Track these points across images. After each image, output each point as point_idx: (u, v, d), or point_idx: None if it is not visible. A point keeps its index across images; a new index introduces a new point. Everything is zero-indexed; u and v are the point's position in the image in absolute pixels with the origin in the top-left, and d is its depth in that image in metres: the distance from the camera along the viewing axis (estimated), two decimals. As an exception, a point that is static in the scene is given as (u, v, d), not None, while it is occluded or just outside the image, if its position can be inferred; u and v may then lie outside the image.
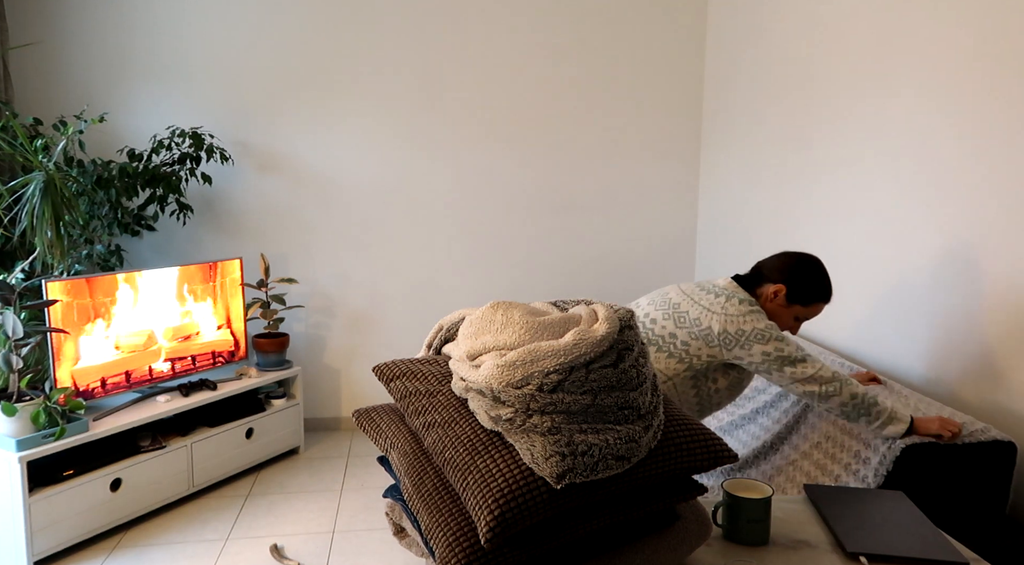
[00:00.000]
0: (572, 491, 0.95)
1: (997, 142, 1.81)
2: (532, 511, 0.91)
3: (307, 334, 3.77)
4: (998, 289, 1.82)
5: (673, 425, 1.09)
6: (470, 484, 0.94)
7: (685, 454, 1.05)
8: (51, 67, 3.45)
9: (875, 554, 1.18)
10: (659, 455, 1.03)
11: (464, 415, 1.05)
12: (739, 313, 1.77)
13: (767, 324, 1.76)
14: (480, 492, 0.92)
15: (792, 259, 1.84)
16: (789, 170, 2.87)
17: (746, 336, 1.74)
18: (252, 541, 2.67)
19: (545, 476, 0.92)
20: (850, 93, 2.44)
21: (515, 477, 0.92)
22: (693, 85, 3.79)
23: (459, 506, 0.99)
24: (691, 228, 3.92)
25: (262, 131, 3.60)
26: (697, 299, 1.83)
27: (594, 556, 1.04)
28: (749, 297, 1.81)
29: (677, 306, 1.85)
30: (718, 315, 1.78)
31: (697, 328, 1.79)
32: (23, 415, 2.43)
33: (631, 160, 3.82)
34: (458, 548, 0.93)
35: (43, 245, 2.77)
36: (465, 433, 1.01)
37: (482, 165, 3.75)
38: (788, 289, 1.81)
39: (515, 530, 0.90)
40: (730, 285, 1.84)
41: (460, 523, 0.96)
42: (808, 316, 1.85)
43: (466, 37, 3.64)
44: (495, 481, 0.92)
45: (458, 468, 0.97)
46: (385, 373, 1.19)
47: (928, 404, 1.83)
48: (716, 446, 1.08)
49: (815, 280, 1.82)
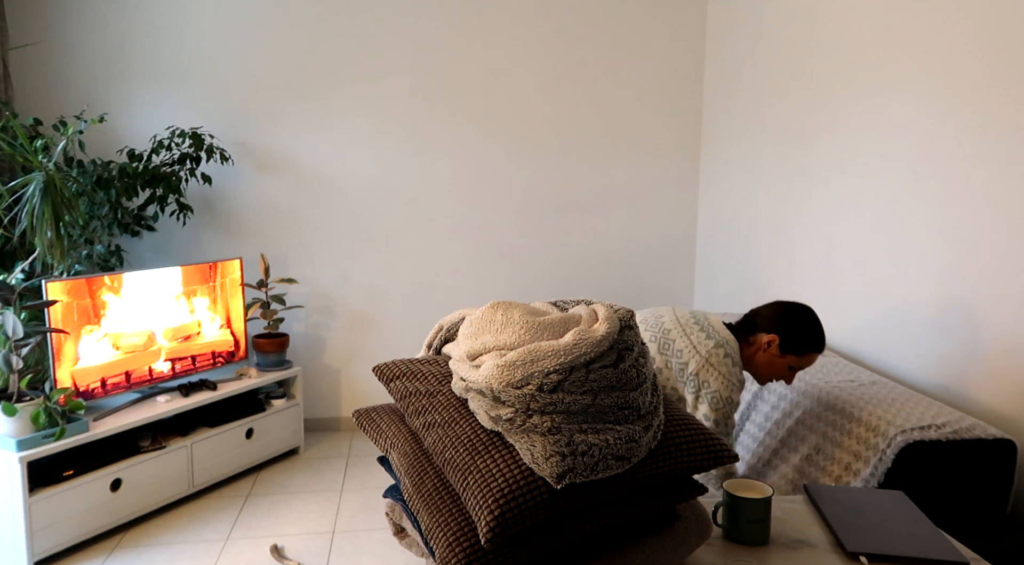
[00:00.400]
0: (572, 491, 0.95)
1: (1000, 140, 1.81)
2: (532, 511, 0.91)
3: (307, 334, 3.77)
4: (999, 288, 1.82)
5: (673, 425, 1.09)
6: (470, 484, 0.94)
7: (685, 454, 1.05)
8: (51, 67, 3.45)
9: (875, 554, 1.18)
10: (659, 455, 1.03)
11: (464, 415, 1.05)
12: (719, 366, 1.79)
13: (731, 393, 1.78)
14: (480, 492, 0.92)
15: (785, 309, 1.84)
16: (789, 169, 2.87)
17: (709, 390, 1.77)
18: (252, 541, 2.67)
19: (545, 476, 0.92)
20: (851, 91, 2.44)
21: (515, 477, 0.92)
22: (693, 84, 3.79)
23: (459, 506, 0.99)
24: (691, 227, 3.92)
25: (262, 131, 3.60)
26: (688, 333, 1.85)
27: (594, 556, 1.04)
28: (736, 355, 1.82)
29: (667, 333, 1.87)
30: (700, 357, 1.80)
31: (676, 360, 1.82)
32: (23, 415, 2.43)
33: (631, 160, 3.82)
34: (458, 548, 0.93)
35: (43, 245, 2.77)
36: (465, 433, 1.01)
37: (482, 165, 3.75)
38: (781, 340, 1.82)
39: (515, 530, 0.90)
40: (725, 334, 1.85)
41: (460, 523, 0.96)
42: (802, 366, 1.85)
43: (465, 37, 3.64)
44: (495, 481, 0.92)
45: (458, 468, 0.97)
46: (385, 373, 1.19)
47: (928, 404, 1.83)
48: (716, 446, 1.08)
49: (808, 331, 1.82)
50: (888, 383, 2.03)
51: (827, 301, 2.60)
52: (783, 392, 2.19)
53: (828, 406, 1.94)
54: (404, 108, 3.66)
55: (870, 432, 1.74)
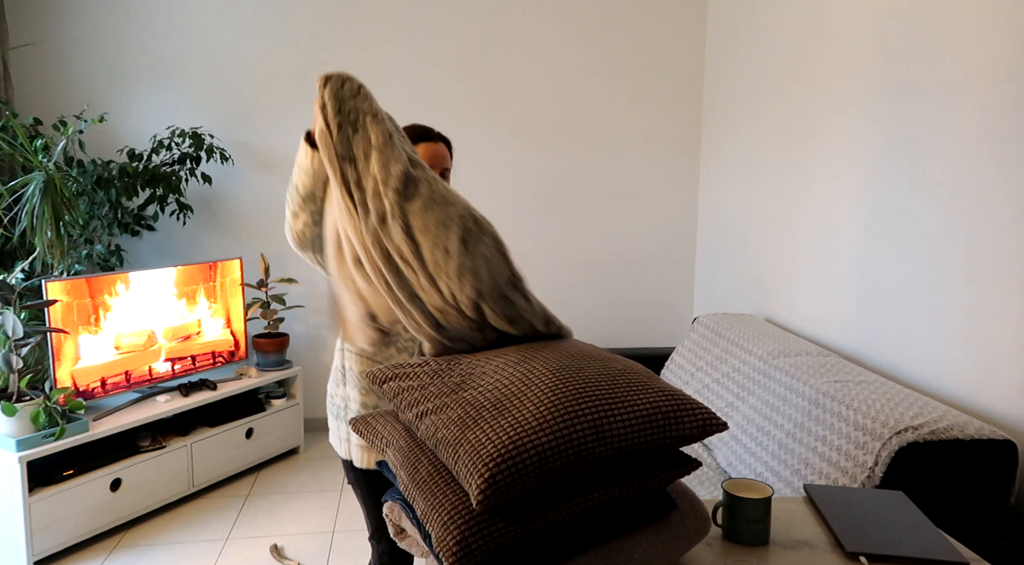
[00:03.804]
0: (560, 454, 0.96)
1: (1001, 136, 1.81)
2: (522, 475, 0.92)
3: (307, 334, 3.78)
4: (999, 287, 1.82)
5: (658, 394, 1.08)
6: (461, 456, 0.96)
7: (673, 423, 1.05)
8: (51, 67, 3.45)
9: (875, 554, 1.18)
10: (647, 424, 1.03)
11: (455, 399, 1.06)
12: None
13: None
14: (471, 460, 0.94)
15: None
16: (789, 169, 2.87)
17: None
18: (252, 541, 2.67)
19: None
20: (851, 90, 2.44)
21: (504, 444, 0.94)
22: (693, 84, 3.79)
23: (453, 488, 1.00)
24: (691, 227, 3.92)
25: (262, 131, 3.60)
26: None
27: (592, 547, 1.04)
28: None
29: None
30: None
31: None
32: (23, 415, 2.43)
33: (631, 160, 3.82)
34: (453, 526, 0.94)
35: (43, 245, 2.77)
36: (456, 414, 1.03)
37: (481, 165, 3.76)
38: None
39: (507, 496, 0.92)
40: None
41: (455, 503, 0.97)
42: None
43: (465, 36, 3.64)
44: (484, 448, 0.94)
45: (449, 445, 0.99)
46: (377, 377, 1.20)
47: (925, 402, 1.83)
48: (703, 415, 1.08)
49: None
50: (882, 381, 2.03)
51: (827, 301, 2.60)
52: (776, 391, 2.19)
53: (822, 407, 1.94)
54: (404, 108, 3.66)
55: (859, 432, 1.74)
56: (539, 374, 1.06)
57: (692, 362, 2.82)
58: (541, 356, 1.12)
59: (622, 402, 1.04)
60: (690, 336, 3.00)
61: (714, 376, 2.60)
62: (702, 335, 2.90)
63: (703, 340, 2.87)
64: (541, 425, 0.97)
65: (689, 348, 2.93)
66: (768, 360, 2.35)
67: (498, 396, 1.04)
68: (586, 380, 1.06)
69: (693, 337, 2.96)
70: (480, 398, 1.04)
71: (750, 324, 2.79)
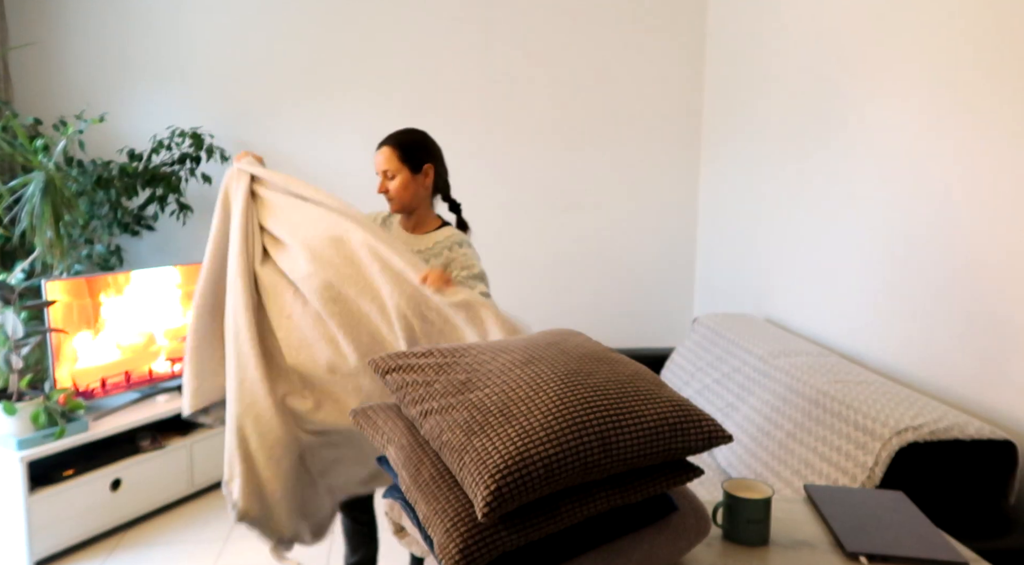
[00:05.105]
0: (566, 466, 0.95)
1: (1001, 142, 1.81)
2: (528, 486, 0.92)
3: (307, 334, 3.77)
4: (999, 288, 1.82)
5: (666, 404, 1.08)
6: (466, 463, 0.95)
7: (679, 435, 1.05)
8: (51, 67, 3.45)
9: (875, 554, 1.18)
10: (654, 436, 1.03)
11: (461, 401, 1.05)
12: (466, 249, 2.32)
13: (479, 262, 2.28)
14: (476, 469, 0.93)
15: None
16: (790, 169, 2.87)
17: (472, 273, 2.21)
18: (252, 541, 2.67)
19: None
20: (851, 91, 2.44)
21: (511, 453, 0.93)
22: (693, 83, 3.79)
23: (456, 493, 0.99)
24: (691, 227, 3.92)
25: (262, 131, 3.60)
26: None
27: (592, 548, 1.04)
28: (460, 234, 2.33)
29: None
30: (450, 255, 2.27)
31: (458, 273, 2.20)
32: (23, 415, 2.43)
33: (631, 160, 3.82)
34: (455, 533, 0.94)
35: (43, 245, 2.77)
36: (463, 416, 1.02)
37: (481, 165, 3.75)
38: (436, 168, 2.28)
39: (512, 506, 0.91)
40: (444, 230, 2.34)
41: (457, 509, 0.96)
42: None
43: (466, 38, 3.64)
44: (491, 458, 0.93)
45: (455, 449, 0.98)
46: (380, 366, 1.18)
47: (925, 403, 1.83)
48: (710, 427, 1.08)
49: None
50: (882, 381, 2.03)
51: (828, 301, 2.60)
52: (776, 391, 2.19)
53: (822, 406, 1.94)
54: (404, 108, 3.66)
55: (860, 432, 1.74)
56: (547, 379, 1.06)
57: (692, 362, 2.82)
58: (548, 357, 1.12)
59: (630, 413, 1.03)
60: (690, 336, 3.00)
61: (714, 376, 2.60)
62: (702, 335, 2.90)
63: (703, 340, 2.86)
64: (548, 436, 0.96)
65: (689, 348, 2.92)
66: (768, 360, 2.35)
67: (505, 401, 1.03)
68: (594, 387, 1.05)
69: (693, 337, 2.96)
70: (487, 402, 1.04)
71: (750, 324, 2.79)
